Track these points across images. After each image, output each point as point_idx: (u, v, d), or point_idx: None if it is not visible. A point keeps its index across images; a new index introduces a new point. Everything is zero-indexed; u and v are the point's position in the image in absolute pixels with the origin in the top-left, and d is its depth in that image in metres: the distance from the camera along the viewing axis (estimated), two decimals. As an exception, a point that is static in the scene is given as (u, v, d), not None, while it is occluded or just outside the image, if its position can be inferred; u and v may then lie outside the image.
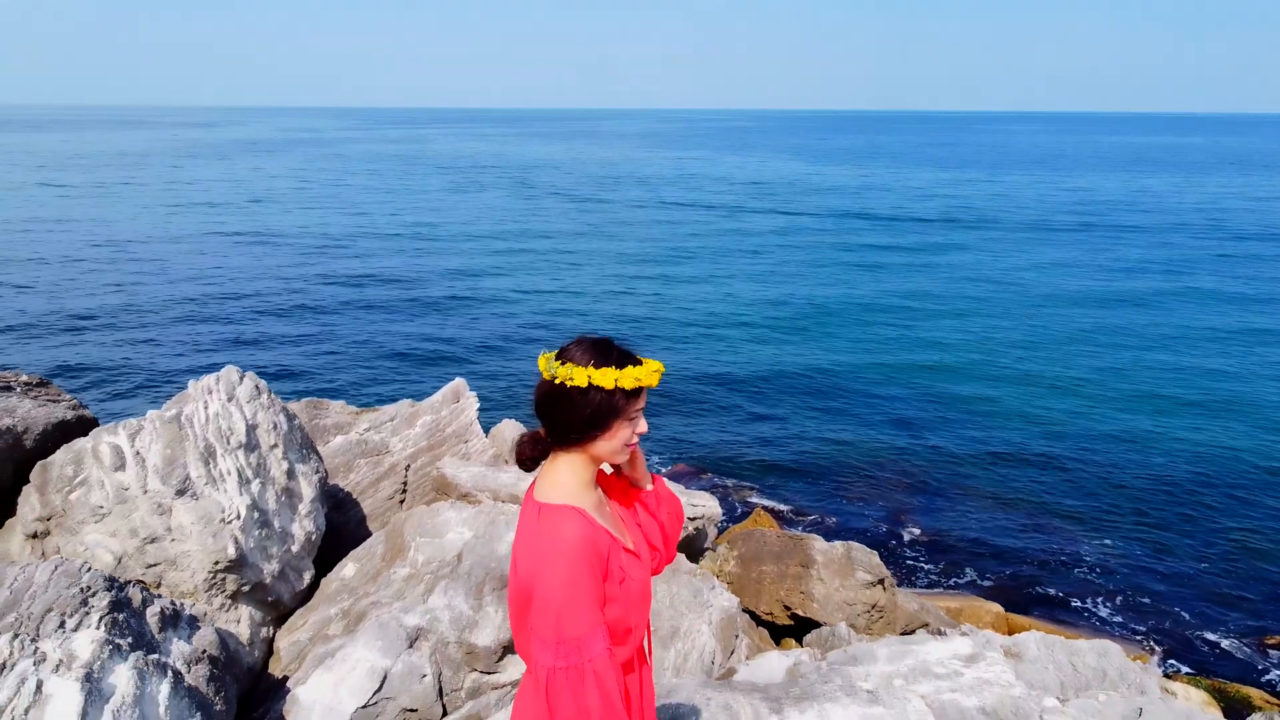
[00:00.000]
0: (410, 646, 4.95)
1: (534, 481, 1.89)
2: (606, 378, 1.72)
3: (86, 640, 3.08)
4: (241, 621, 5.32)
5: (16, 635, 3.08)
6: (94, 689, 2.90)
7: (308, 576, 5.76)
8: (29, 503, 4.99)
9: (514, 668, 5.12)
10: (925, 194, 50.65)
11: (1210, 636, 9.37)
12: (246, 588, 5.24)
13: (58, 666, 2.93)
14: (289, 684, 4.96)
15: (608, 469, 2.02)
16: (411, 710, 4.90)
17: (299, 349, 18.70)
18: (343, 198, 46.66)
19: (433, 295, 23.73)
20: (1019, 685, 4.76)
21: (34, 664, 2.91)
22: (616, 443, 1.81)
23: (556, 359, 1.77)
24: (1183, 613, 9.76)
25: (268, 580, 5.36)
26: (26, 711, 2.74)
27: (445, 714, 4.93)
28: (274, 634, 5.57)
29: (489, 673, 5.11)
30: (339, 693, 4.75)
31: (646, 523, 1.97)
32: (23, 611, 3.69)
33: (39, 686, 2.82)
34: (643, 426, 1.84)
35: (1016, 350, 18.86)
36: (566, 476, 1.80)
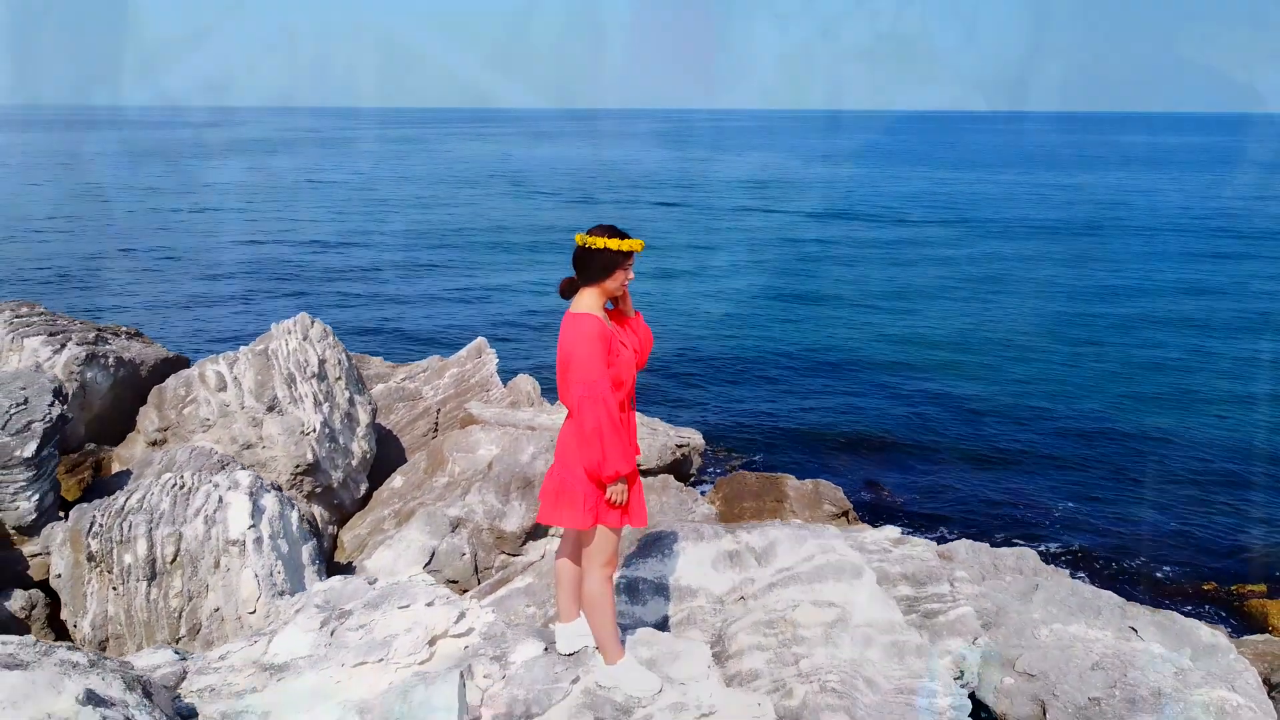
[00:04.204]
0: (452, 531, 6.20)
1: (570, 306, 3.20)
2: (613, 243, 3.06)
3: (244, 475, 4.31)
4: (315, 519, 6.57)
5: (196, 471, 4.32)
6: (255, 504, 4.13)
7: (363, 488, 7.02)
8: (148, 417, 6.24)
9: (533, 551, 6.37)
10: (918, 194, 51.90)
11: (1165, 590, 10.53)
12: (319, 490, 6.49)
13: (229, 488, 4.15)
14: (355, 562, 6.22)
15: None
16: (453, 582, 6.15)
17: (340, 319, 20.49)
18: (355, 196, 47.93)
19: (449, 281, 25.29)
20: (935, 560, 5.99)
21: (213, 486, 4.14)
22: (616, 283, 3.15)
23: (587, 234, 3.08)
24: (1142, 563, 10.91)
25: (335, 485, 6.61)
26: (215, 512, 3.98)
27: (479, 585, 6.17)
28: (337, 532, 6.83)
29: (514, 555, 6.37)
30: (397, 565, 5.99)
31: (629, 337, 3.29)
32: (180, 470, 4.94)
33: (220, 499, 4.05)
34: (631, 275, 3.18)
35: (1000, 336, 20.10)
36: (588, 300, 3.14)
